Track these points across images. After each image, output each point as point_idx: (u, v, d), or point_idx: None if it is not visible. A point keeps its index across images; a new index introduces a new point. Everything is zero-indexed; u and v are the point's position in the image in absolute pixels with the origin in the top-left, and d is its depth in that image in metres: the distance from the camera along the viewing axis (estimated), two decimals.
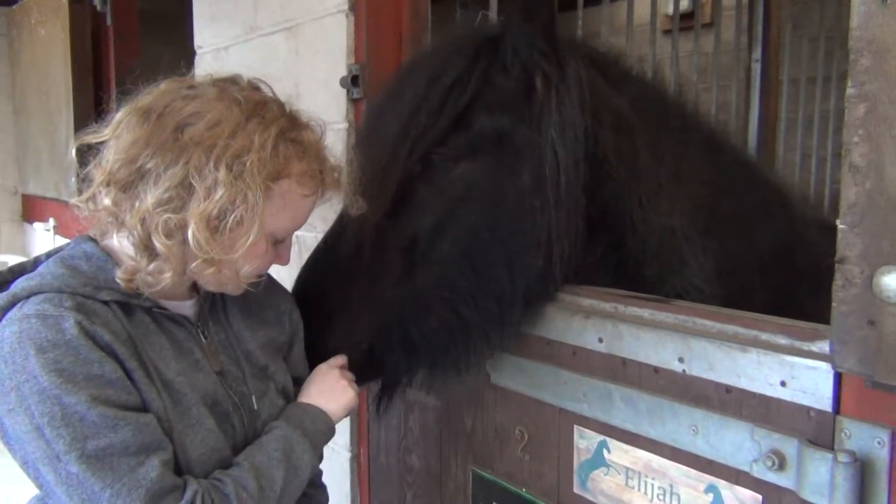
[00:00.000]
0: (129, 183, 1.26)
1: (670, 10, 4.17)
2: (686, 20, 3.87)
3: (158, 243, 1.24)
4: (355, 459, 2.28)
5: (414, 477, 2.00)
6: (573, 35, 1.93)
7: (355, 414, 2.24)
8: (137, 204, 1.25)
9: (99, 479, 1.19)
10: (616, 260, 1.59)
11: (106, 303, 1.29)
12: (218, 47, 2.85)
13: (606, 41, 2.25)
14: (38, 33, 4.95)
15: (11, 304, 1.25)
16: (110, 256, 1.33)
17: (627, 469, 1.42)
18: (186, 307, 1.43)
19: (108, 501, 1.18)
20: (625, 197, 1.58)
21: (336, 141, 2.20)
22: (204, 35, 2.97)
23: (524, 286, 1.49)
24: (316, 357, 1.59)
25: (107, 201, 1.27)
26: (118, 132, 1.29)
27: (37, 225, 5.59)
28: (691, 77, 3.32)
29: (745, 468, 1.20)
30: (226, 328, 1.48)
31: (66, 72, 4.47)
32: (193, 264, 1.27)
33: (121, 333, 1.28)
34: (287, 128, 1.34)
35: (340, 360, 1.58)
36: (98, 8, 4.32)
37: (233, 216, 1.25)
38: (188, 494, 1.24)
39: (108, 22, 4.29)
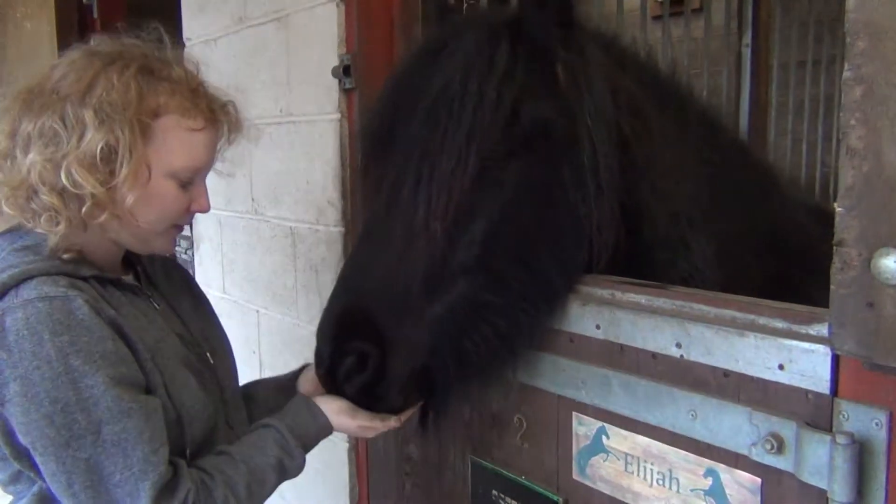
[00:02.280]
0: (10, 153, 1.32)
1: None
2: (675, 6, 3.87)
3: (44, 195, 1.29)
4: (353, 450, 2.28)
5: (412, 466, 2.01)
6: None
7: None
8: (18, 165, 1.31)
9: (111, 463, 1.21)
10: (630, 247, 1.55)
11: (86, 279, 1.32)
12: (207, 39, 2.83)
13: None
14: (24, 27, 4.90)
15: (2, 294, 1.25)
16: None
17: (626, 455, 1.42)
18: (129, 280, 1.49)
19: (114, 487, 1.21)
20: (641, 183, 1.55)
21: (328, 131, 2.19)
22: (192, 27, 2.95)
23: (572, 282, 1.48)
24: (377, 386, 1.42)
25: None
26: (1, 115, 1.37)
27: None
28: (682, 62, 3.32)
29: (744, 452, 1.20)
30: (164, 296, 1.55)
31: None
32: (84, 209, 1.30)
33: (115, 308, 1.32)
34: (151, 67, 1.38)
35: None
36: (84, 0, 4.28)
37: (103, 150, 1.28)
38: (181, 494, 1.26)
39: (95, 14, 4.25)
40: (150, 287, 1.54)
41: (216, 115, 1.45)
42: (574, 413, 1.52)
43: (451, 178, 1.37)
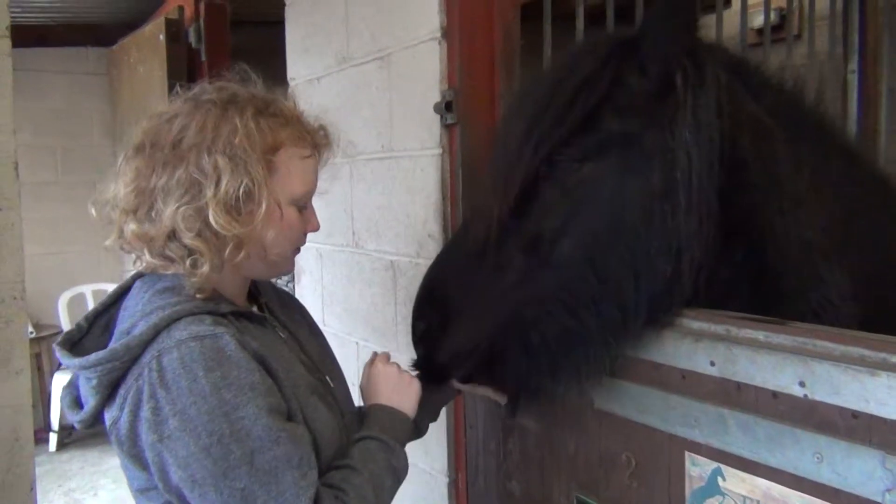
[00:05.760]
0: (143, 205, 1.40)
1: (756, 23, 4.07)
2: (776, 32, 3.78)
3: (188, 240, 1.36)
4: (453, 485, 2.27)
5: (515, 503, 1.98)
6: (712, 39, 1.90)
7: (453, 438, 2.24)
8: (159, 216, 1.37)
9: (265, 491, 1.26)
10: (752, 272, 1.54)
11: (225, 315, 1.39)
12: (311, 78, 2.93)
13: None
14: (137, 71, 5.18)
15: (155, 335, 1.32)
16: None
17: (745, 498, 1.36)
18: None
19: None
20: (765, 205, 1.53)
21: (430, 166, 2.22)
22: (297, 67, 3.06)
23: (649, 295, 1.45)
24: (436, 355, 1.63)
25: (133, 227, 1.41)
26: (121, 171, 1.44)
27: (135, 264, 5.83)
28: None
29: (878, 498, 1.14)
30: (285, 326, 1.62)
31: (153, 111, 4.65)
32: (227, 252, 1.38)
33: (254, 339, 1.40)
34: (261, 106, 1.46)
35: (386, 355, 1.73)
36: (193, 45, 4.49)
37: (242, 193, 1.37)
38: None
39: (203, 58, 4.45)
40: (273, 318, 1.61)
41: (317, 141, 1.56)
42: (687, 452, 1.47)
43: (508, 169, 1.48)
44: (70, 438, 5.96)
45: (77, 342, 1.47)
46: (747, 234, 1.53)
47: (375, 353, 1.75)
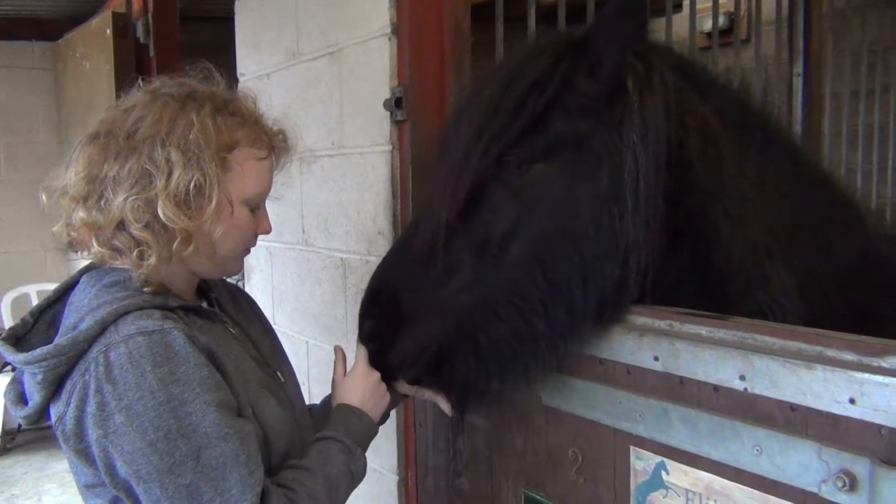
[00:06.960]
0: (93, 194, 1.38)
1: (706, 27, 4.15)
2: (724, 36, 3.85)
3: (135, 231, 1.35)
4: (403, 483, 2.26)
5: (464, 500, 1.98)
6: (659, 40, 1.91)
7: (402, 437, 2.23)
8: (108, 206, 1.36)
9: (211, 488, 1.25)
10: (699, 273, 1.55)
11: (173, 309, 1.38)
12: (260, 74, 2.89)
13: None
14: (83, 66, 5.06)
15: (102, 330, 1.31)
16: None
17: (688, 491, 1.38)
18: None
19: None
20: (709, 207, 1.54)
21: (380, 162, 2.21)
22: (246, 63, 3.02)
23: (597, 297, 1.45)
24: (385, 356, 1.62)
25: (81, 214, 1.39)
26: (73, 159, 1.42)
27: (82, 254, 5.70)
28: None
29: (814, 489, 1.16)
30: (236, 321, 1.62)
31: (111, 103, 4.54)
32: (175, 245, 1.37)
33: (203, 334, 1.39)
34: (220, 104, 1.46)
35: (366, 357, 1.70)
36: (142, 40, 4.39)
37: (193, 187, 1.36)
38: None
39: (151, 53, 4.35)
40: (222, 313, 1.60)
41: (274, 143, 1.55)
42: (632, 447, 1.49)
43: (457, 170, 1.47)
44: (14, 443, 5.80)
45: (22, 338, 1.45)
46: (693, 236, 1.54)
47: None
